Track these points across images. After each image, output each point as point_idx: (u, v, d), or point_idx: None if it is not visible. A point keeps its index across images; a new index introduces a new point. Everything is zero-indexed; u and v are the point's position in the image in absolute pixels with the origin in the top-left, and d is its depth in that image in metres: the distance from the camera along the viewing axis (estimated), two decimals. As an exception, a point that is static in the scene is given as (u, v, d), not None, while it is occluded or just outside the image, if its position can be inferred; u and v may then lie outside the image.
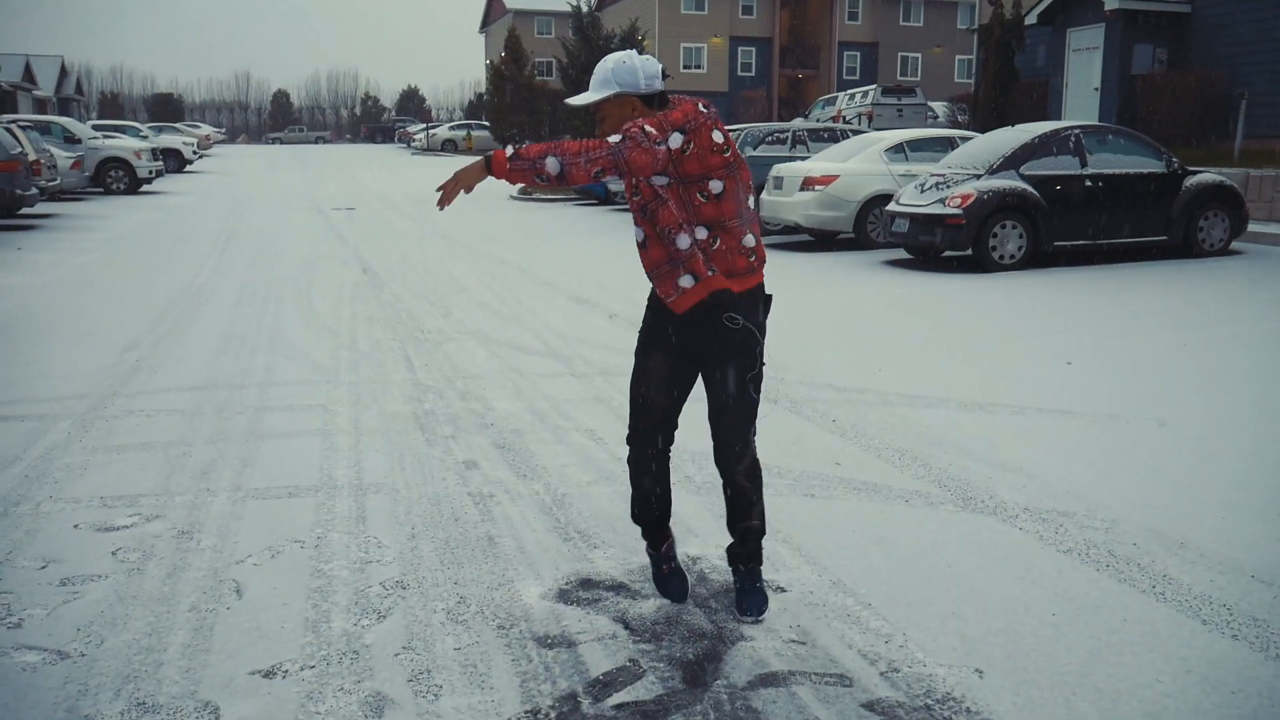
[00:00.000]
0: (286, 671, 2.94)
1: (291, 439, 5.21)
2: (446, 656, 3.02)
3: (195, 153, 36.53)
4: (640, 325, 3.27)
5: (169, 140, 33.94)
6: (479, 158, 2.82)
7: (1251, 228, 12.33)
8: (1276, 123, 16.77)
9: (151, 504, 4.28)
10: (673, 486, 4.36)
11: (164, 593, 3.44)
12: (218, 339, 7.74)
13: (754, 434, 3.19)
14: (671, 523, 4.00)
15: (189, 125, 54.76)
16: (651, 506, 3.34)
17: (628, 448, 3.32)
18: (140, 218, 18.14)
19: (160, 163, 25.50)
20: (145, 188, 24.26)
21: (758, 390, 3.14)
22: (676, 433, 3.31)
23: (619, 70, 2.98)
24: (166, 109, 79.79)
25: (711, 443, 3.21)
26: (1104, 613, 3.24)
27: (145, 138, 30.67)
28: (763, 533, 3.29)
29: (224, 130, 77.70)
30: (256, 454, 4.96)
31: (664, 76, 3.07)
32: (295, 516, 4.13)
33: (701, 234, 2.99)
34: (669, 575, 3.39)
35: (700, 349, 3.12)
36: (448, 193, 2.86)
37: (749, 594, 3.28)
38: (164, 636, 3.14)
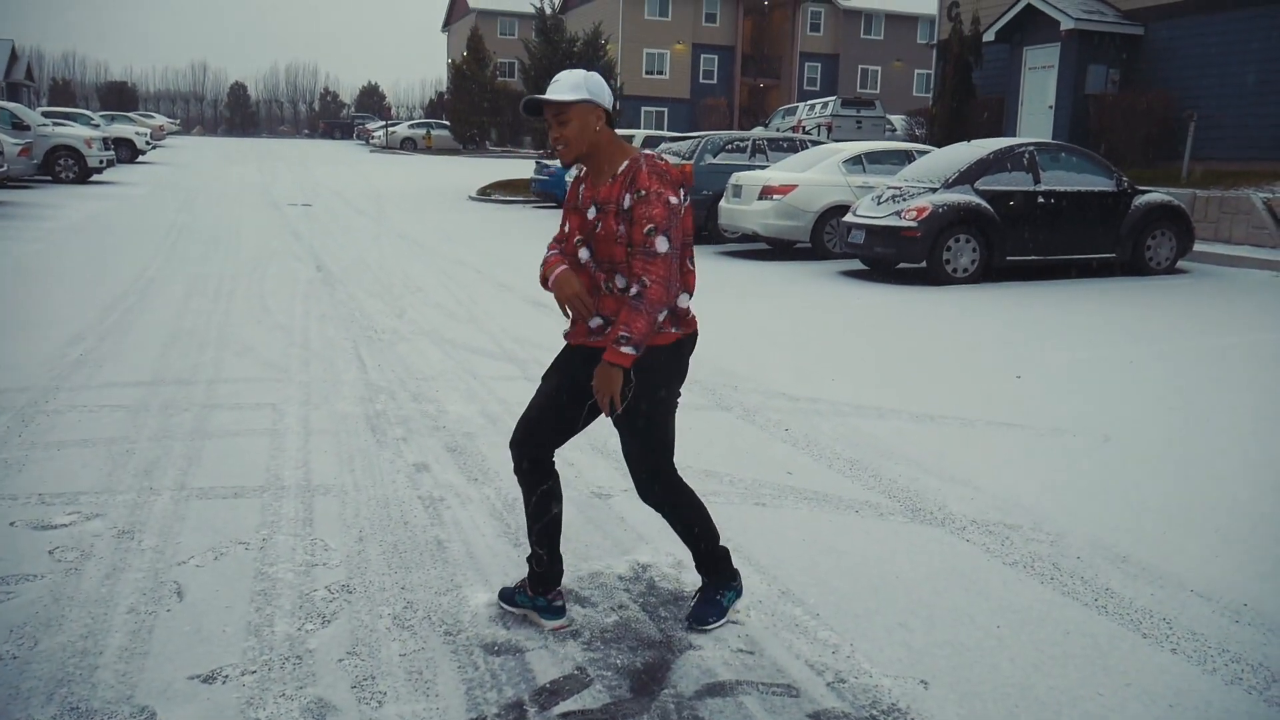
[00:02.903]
0: (227, 676, 2.88)
1: (239, 438, 5.12)
2: (391, 663, 2.98)
3: (148, 143, 35.90)
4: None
5: (121, 129, 33.29)
6: (615, 369, 2.89)
7: (1197, 247, 12.61)
8: (1223, 145, 17.15)
9: (91, 502, 4.18)
10: (623, 494, 4.36)
11: (102, 594, 3.36)
12: (166, 334, 7.60)
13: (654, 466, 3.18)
14: (623, 530, 4.01)
15: (142, 115, 53.79)
16: None
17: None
18: (89, 208, 17.79)
19: (111, 152, 25.02)
20: (95, 177, 23.81)
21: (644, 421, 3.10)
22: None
23: (592, 81, 3.02)
24: (120, 98, 78.40)
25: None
26: (1048, 625, 3.28)
27: (97, 126, 30.13)
28: (696, 551, 3.29)
29: (178, 121, 76.46)
30: (202, 452, 4.87)
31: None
32: (240, 517, 4.06)
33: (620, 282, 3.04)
34: None
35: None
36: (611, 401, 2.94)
37: (695, 603, 3.31)
38: (100, 639, 3.07)
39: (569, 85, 3.00)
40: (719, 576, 3.30)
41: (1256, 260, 12.41)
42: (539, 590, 3.24)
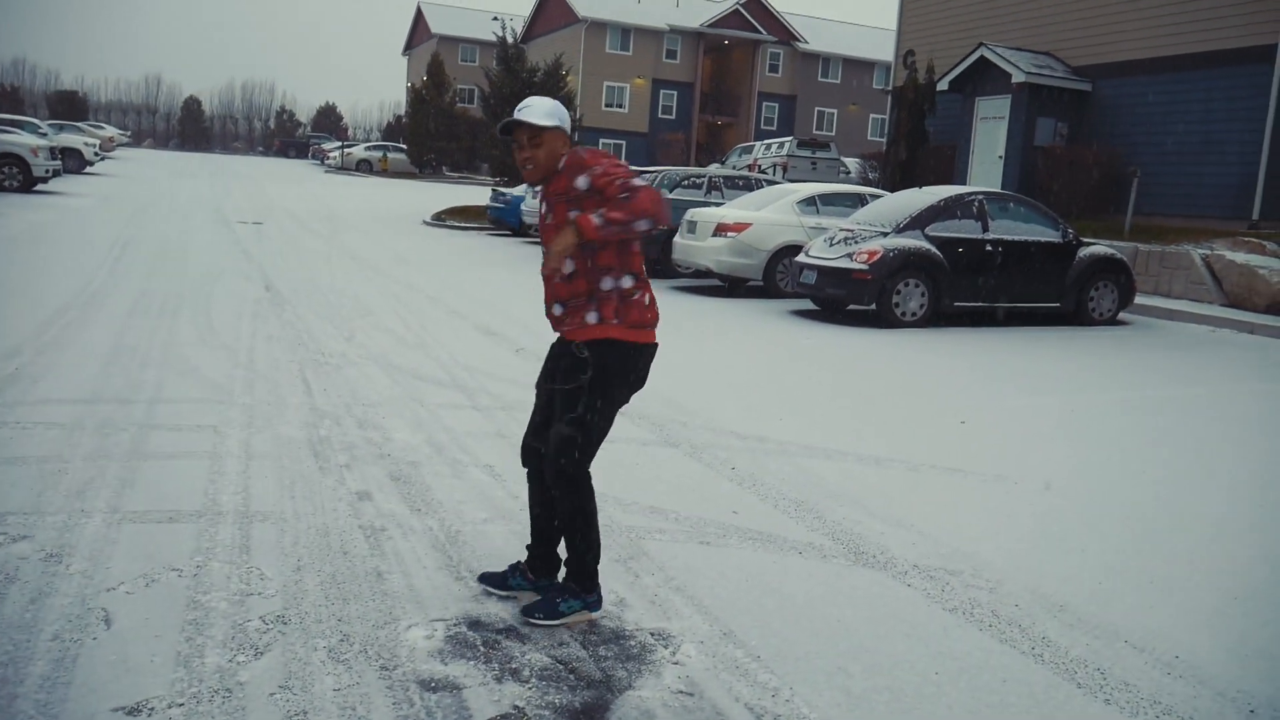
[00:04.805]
0: (153, 709, 2.80)
1: (177, 460, 5.01)
2: (325, 698, 2.92)
3: (97, 154, 35.31)
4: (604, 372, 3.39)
5: (70, 139, 32.73)
6: (573, 230, 3.12)
7: (1138, 300, 12.91)
8: (1165, 201, 17.64)
9: (19, 523, 4.06)
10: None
11: (25, 620, 3.26)
12: (106, 350, 7.44)
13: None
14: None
15: (92, 125, 52.90)
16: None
17: (586, 477, 3.45)
18: (32, 218, 17.43)
19: (59, 162, 24.57)
20: (40, 187, 23.35)
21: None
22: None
23: (561, 110, 3.37)
24: (70, 107, 76.92)
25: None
26: (985, 673, 3.31)
27: (44, 135, 29.55)
28: (570, 549, 3.56)
29: (129, 133, 75.32)
30: (138, 474, 4.76)
31: None
32: (174, 543, 3.97)
33: (628, 282, 3.35)
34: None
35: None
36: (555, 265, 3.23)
37: (541, 597, 3.59)
38: (21, 667, 2.96)
39: (544, 111, 3.32)
40: (575, 582, 3.49)
41: (1194, 315, 12.74)
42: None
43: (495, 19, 32.86)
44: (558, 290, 3.36)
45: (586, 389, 3.35)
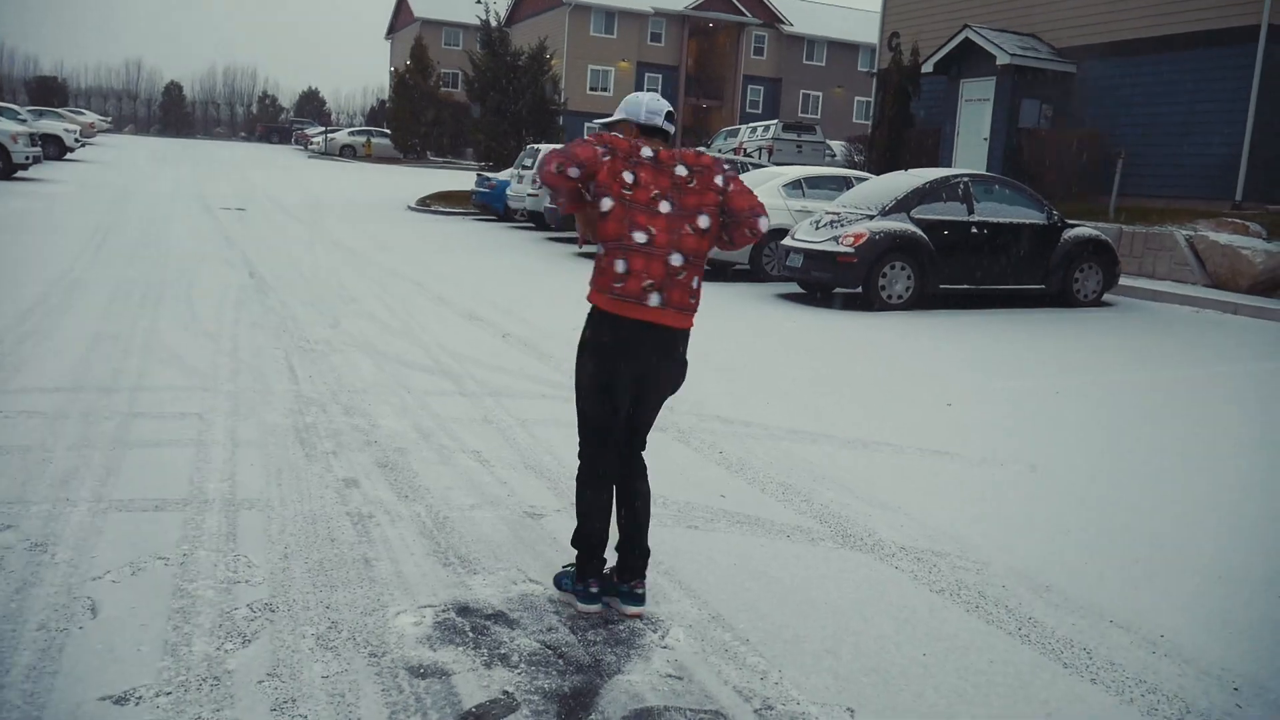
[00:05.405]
0: (140, 698, 2.79)
1: (162, 448, 4.98)
2: (313, 685, 2.91)
3: (77, 140, 34.91)
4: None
5: (49, 125, 32.41)
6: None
7: (1123, 281, 12.96)
8: (1149, 182, 17.69)
9: (4, 513, 4.03)
10: (555, 513, 4.33)
11: (10, 610, 3.24)
12: (88, 338, 7.39)
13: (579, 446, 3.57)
14: (555, 551, 3.98)
15: (72, 111, 52.34)
16: None
17: (583, 460, 3.57)
18: (12, 205, 17.26)
19: (39, 149, 24.31)
20: (20, 174, 23.11)
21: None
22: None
23: (627, 102, 3.51)
24: (49, 93, 76.12)
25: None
26: (972, 653, 3.33)
27: (24, 121, 29.27)
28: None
29: (110, 119, 74.60)
30: (123, 463, 4.73)
31: (670, 119, 3.47)
32: (161, 531, 3.95)
33: (601, 250, 3.40)
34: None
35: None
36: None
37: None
38: (7, 657, 2.95)
39: (617, 110, 3.54)
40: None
41: (1178, 296, 12.80)
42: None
43: (479, 2, 32.60)
44: None
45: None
